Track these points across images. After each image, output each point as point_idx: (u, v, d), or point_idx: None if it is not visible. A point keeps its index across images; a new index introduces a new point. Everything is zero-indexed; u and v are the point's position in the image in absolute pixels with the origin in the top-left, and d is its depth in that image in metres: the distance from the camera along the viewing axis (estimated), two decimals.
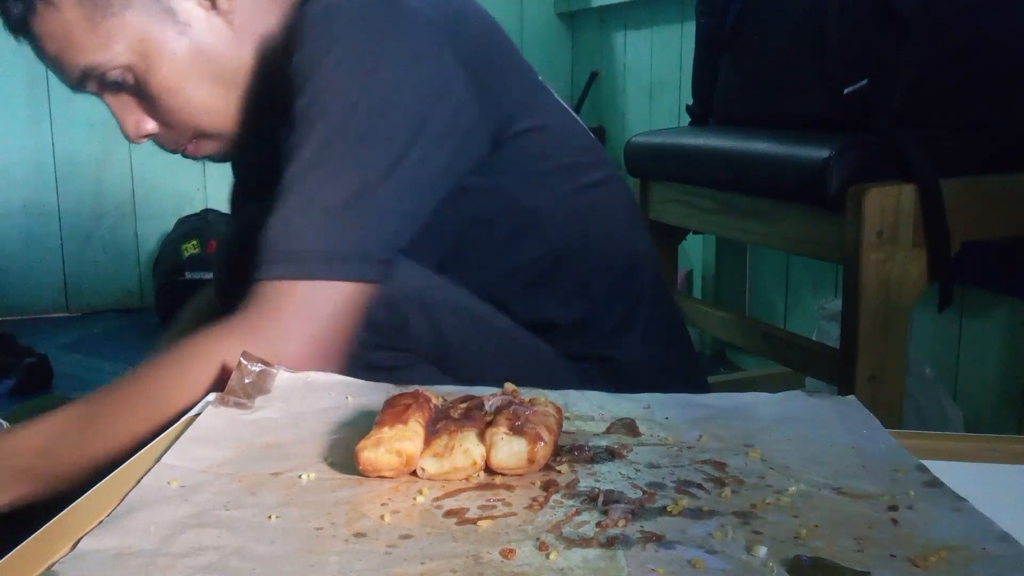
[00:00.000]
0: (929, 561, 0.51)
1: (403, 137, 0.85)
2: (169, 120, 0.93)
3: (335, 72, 0.85)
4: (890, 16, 1.26)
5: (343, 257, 0.82)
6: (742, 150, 1.42)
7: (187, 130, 0.94)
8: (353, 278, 0.82)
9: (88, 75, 0.89)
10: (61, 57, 0.88)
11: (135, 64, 0.89)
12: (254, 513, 0.58)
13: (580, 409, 0.75)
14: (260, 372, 0.81)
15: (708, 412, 0.75)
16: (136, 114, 0.93)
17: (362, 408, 0.76)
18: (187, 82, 0.90)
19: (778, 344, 1.50)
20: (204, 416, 0.74)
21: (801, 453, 0.66)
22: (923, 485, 0.60)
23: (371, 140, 0.84)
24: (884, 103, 1.27)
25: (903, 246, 1.21)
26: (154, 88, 0.90)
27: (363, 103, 0.84)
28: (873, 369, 1.23)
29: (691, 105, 1.78)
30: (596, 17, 3.00)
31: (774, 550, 0.52)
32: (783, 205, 1.36)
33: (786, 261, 2.13)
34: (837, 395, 0.77)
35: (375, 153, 0.84)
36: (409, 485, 0.62)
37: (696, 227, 1.73)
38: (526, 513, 0.57)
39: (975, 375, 1.59)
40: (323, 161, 0.84)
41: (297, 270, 0.81)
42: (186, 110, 0.92)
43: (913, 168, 1.21)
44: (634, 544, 0.53)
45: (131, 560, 0.52)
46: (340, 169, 0.84)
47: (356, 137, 0.84)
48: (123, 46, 0.88)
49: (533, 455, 0.62)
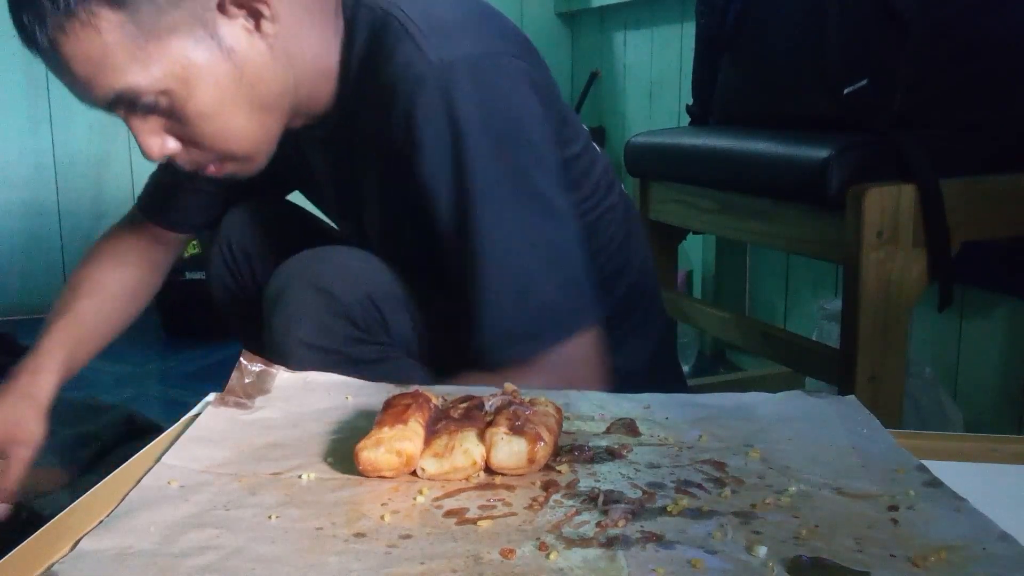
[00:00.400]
0: (929, 561, 0.51)
1: (549, 182, 0.89)
2: (199, 143, 0.89)
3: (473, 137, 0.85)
4: (890, 16, 1.26)
5: (565, 318, 0.89)
6: (742, 150, 1.42)
7: (215, 153, 0.91)
8: (586, 327, 0.89)
9: (122, 99, 0.84)
10: (93, 80, 0.83)
11: (174, 89, 0.84)
12: (254, 513, 0.58)
13: (580, 409, 0.75)
14: (260, 372, 0.81)
15: (708, 412, 0.75)
16: (159, 135, 0.88)
17: (362, 408, 0.76)
18: (226, 108, 0.87)
19: (778, 344, 1.50)
20: (204, 416, 0.74)
21: (801, 453, 0.66)
22: (923, 485, 0.60)
23: (532, 196, 0.88)
24: (884, 103, 1.27)
25: (903, 246, 1.21)
26: (190, 113, 0.86)
27: (512, 158, 0.87)
28: (873, 369, 1.23)
29: (691, 105, 1.78)
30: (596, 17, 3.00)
31: (774, 550, 0.52)
32: (783, 205, 1.35)
33: (786, 261, 2.13)
34: (837, 395, 0.77)
35: (540, 206, 0.88)
36: (409, 485, 0.62)
37: (696, 227, 1.72)
38: (526, 513, 0.57)
39: (975, 375, 1.59)
40: (501, 226, 0.87)
41: (538, 346, 0.88)
42: (220, 135, 0.88)
43: (913, 168, 1.20)
44: (634, 544, 0.53)
45: (131, 560, 0.52)
46: (521, 231, 0.87)
47: (523, 197, 0.88)
48: (164, 71, 0.83)
49: (533, 455, 0.62)
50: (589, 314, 0.91)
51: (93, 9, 0.79)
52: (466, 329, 0.89)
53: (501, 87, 0.87)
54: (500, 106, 0.87)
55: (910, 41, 1.25)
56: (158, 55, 0.82)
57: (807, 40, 1.39)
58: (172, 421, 0.75)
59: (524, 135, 0.88)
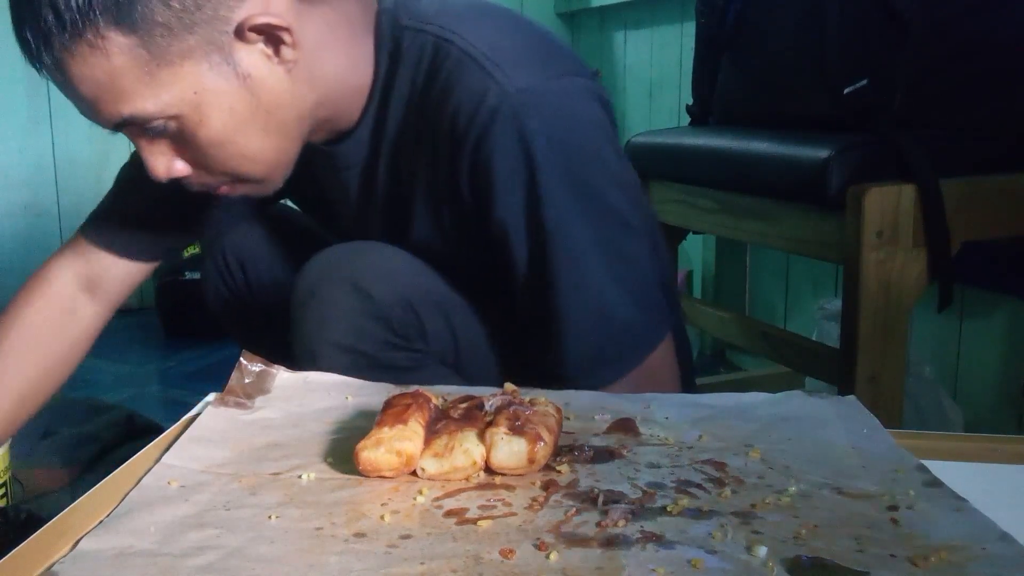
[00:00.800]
0: (929, 561, 0.51)
1: (621, 197, 0.89)
2: (208, 168, 0.85)
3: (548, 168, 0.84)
4: (890, 16, 1.26)
5: (645, 335, 0.90)
6: (742, 150, 1.42)
7: (226, 177, 0.87)
8: (661, 340, 0.92)
9: (129, 123, 0.80)
10: (99, 103, 0.79)
11: (185, 115, 0.80)
12: (254, 513, 0.58)
13: (580, 409, 0.75)
14: (260, 372, 0.81)
15: (708, 412, 0.75)
16: (167, 156, 0.84)
17: (362, 408, 0.76)
18: (240, 135, 0.83)
19: (778, 344, 1.50)
20: (204, 416, 0.74)
21: (801, 453, 0.66)
22: (923, 485, 0.60)
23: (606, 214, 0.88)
24: (884, 103, 1.27)
25: (903, 246, 1.21)
26: (201, 140, 0.82)
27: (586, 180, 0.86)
28: (873, 369, 1.23)
29: (691, 105, 1.78)
30: (596, 17, 3.00)
31: (774, 550, 0.52)
32: (783, 205, 1.35)
33: (786, 261, 2.13)
34: (837, 395, 0.77)
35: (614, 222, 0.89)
36: (409, 485, 0.62)
37: (696, 227, 1.72)
38: (526, 513, 0.57)
39: (975, 375, 1.59)
40: (578, 251, 0.86)
41: (623, 368, 0.89)
42: (232, 161, 0.84)
43: (913, 168, 1.20)
44: (634, 544, 0.53)
45: (131, 560, 0.52)
46: (598, 252, 0.87)
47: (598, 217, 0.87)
48: (175, 97, 0.79)
49: (533, 455, 0.62)
50: (664, 325, 0.92)
51: (103, 32, 0.75)
52: (539, 350, 0.90)
53: (572, 109, 0.86)
54: (573, 129, 0.85)
55: (910, 41, 1.25)
56: (169, 81, 0.78)
57: (807, 40, 1.39)
58: (172, 421, 0.75)
59: (597, 154, 0.87)
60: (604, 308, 0.88)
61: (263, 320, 1.11)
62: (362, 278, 0.89)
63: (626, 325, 0.89)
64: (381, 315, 0.88)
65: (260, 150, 0.85)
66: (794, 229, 1.35)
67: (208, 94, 0.80)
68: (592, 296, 0.87)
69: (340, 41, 0.88)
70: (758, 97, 1.57)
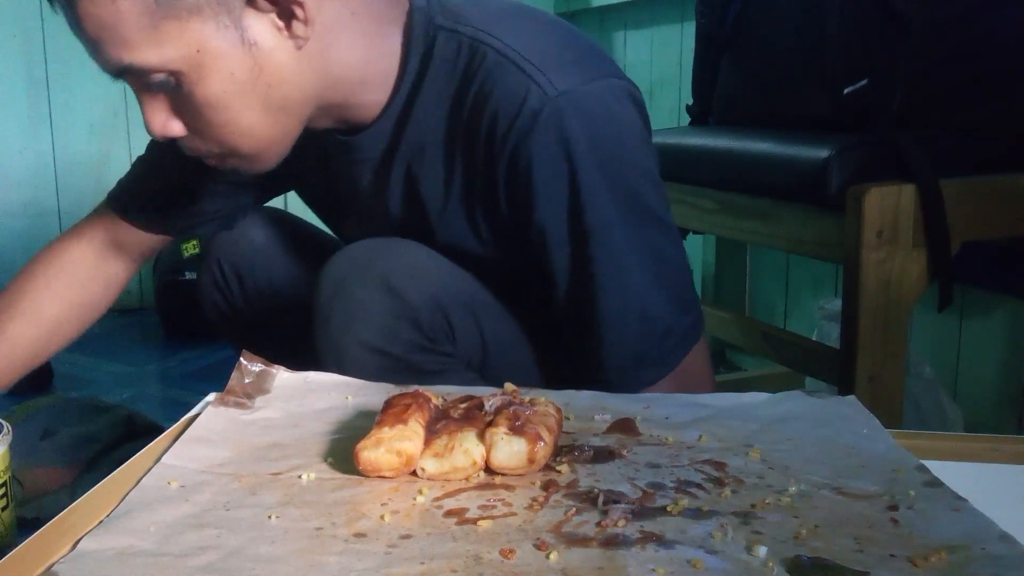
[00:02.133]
0: (929, 561, 0.51)
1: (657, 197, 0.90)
2: (203, 133, 0.85)
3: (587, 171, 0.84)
4: (890, 16, 1.26)
5: (684, 335, 0.90)
6: (742, 150, 1.42)
7: (219, 145, 0.86)
8: (698, 339, 0.92)
9: (129, 72, 0.80)
10: (103, 47, 0.79)
11: (185, 72, 0.79)
12: (254, 513, 0.58)
13: (580, 409, 0.75)
14: (260, 372, 0.81)
15: (708, 412, 0.75)
16: (165, 114, 0.84)
17: (362, 408, 0.76)
18: (237, 102, 0.82)
19: (778, 344, 1.50)
20: (204, 416, 0.74)
21: (801, 453, 0.66)
22: (923, 485, 0.60)
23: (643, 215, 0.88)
24: (884, 103, 1.27)
25: (903, 246, 1.21)
26: (199, 100, 0.81)
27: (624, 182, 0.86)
28: (873, 369, 1.23)
29: (691, 105, 1.78)
30: (596, 17, 3.00)
31: (774, 550, 0.52)
32: (783, 205, 1.35)
33: (786, 261, 2.13)
34: (837, 395, 0.77)
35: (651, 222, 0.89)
36: (409, 485, 0.62)
37: (696, 227, 1.72)
38: (526, 513, 0.57)
39: (975, 375, 1.59)
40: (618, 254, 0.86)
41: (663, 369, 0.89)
42: (226, 129, 0.84)
43: (913, 168, 1.20)
44: (634, 544, 0.53)
45: (131, 560, 0.52)
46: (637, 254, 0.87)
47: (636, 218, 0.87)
48: (177, 52, 0.78)
49: (533, 455, 0.62)
50: (700, 324, 0.93)
51: None
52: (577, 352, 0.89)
53: (610, 111, 0.86)
54: (612, 131, 0.85)
55: (910, 41, 1.25)
56: (174, 35, 0.78)
57: (807, 40, 1.39)
58: (172, 421, 0.75)
59: (634, 155, 0.87)
60: (646, 309, 0.88)
61: (262, 330, 1.10)
62: (393, 277, 0.87)
63: (667, 326, 0.89)
64: (412, 316, 0.87)
65: (255, 123, 0.84)
66: (794, 229, 1.35)
67: (211, 55, 0.79)
68: (634, 298, 0.87)
69: (361, 30, 0.87)
70: (758, 97, 1.57)
